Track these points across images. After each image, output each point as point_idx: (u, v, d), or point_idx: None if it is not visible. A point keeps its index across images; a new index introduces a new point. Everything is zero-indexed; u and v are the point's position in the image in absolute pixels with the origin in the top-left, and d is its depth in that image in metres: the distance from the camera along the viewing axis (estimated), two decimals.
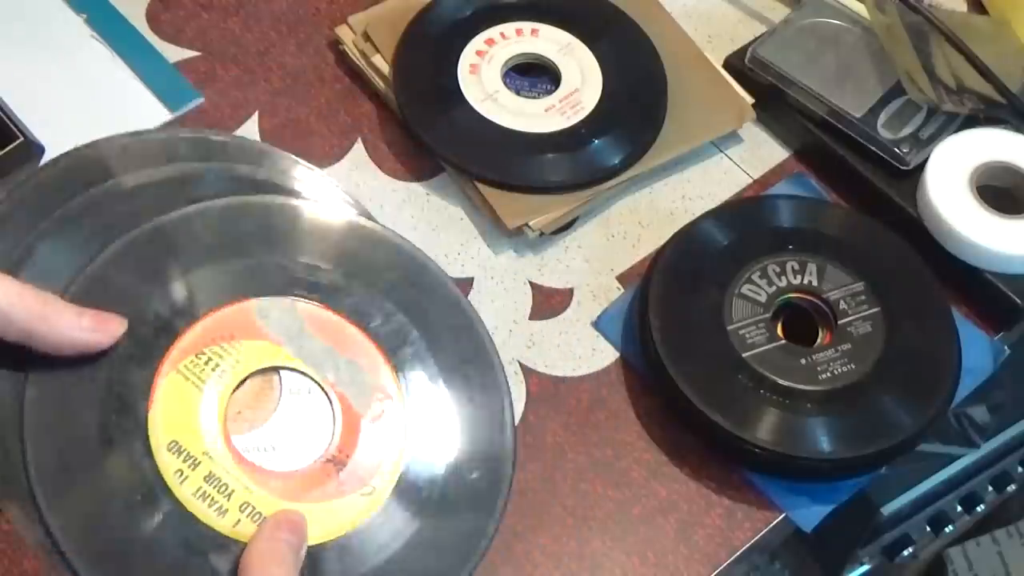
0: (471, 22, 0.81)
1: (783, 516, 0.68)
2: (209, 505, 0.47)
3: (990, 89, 0.78)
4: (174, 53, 0.81)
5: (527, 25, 0.81)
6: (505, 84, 0.79)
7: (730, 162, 0.81)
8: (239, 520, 0.47)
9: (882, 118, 0.78)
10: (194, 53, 0.81)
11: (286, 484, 0.49)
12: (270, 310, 0.51)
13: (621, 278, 0.75)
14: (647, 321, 0.70)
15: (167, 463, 0.47)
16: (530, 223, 0.74)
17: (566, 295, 0.74)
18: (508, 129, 0.77)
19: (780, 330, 0.71)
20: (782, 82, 0.80)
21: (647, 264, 0.74)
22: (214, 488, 0.47)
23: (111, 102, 0.77)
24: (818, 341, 0.71)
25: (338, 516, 0.49)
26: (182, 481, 0.47)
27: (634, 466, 0.69)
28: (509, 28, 0.81)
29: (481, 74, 0.79)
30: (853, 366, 0.69)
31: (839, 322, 0.70)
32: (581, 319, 0.74)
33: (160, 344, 0.49)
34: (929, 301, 0.73)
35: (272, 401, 0.50)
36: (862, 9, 0.83)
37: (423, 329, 0.54)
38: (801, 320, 0.72)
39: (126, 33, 0.81)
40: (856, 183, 0.78)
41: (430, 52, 0.79)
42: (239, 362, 0.50)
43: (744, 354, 0.68)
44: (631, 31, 0.82)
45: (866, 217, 0.76)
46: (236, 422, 0.49)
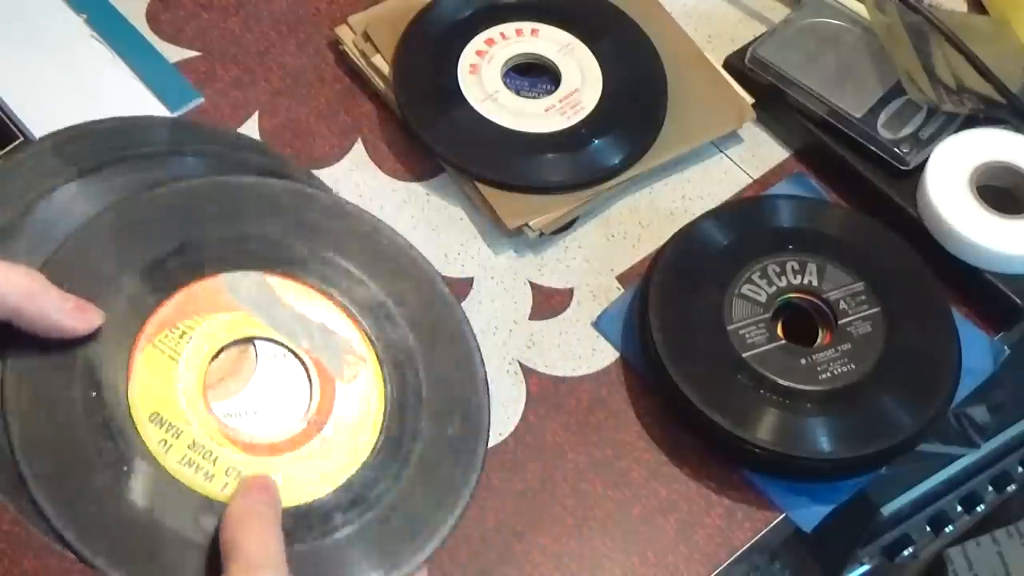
0: (471, 22, 0.81)
1: (783, 516, 0.68)
2: (195, 471, 0.48)
3: (990, 89, 0.78)
4: (174, 53, 0.81)
5: (527, 25, 0.81)
6: (505, 84, 0.79)
7: (730, 162, 0.81)
8: (227, 484, 0.49)
9: (882, 118, 0.78)
10: (194, 53, 0.81)
11: (269, 447, 0.50)
12: (239, 284, 0.52)
13: (621, 278, 0.75)
14: (647, 321, 0.70)
15: (150, 434, 0.48)
16: (530, 223, 0.74)
17: (566, 295, 0.74)
18: (508, 129, 0.77)
19: (780, 330, 0.71)
20: (782, 82, 0.80)
21: (647, 264, 0.74)
22: (199, 455, 0.49)
23: (111, 102, 0.77)
24: (818, 341, 0.71)
25: (323, 474, 0.51)
26: (167, 450, 0.48)
27: (634, 466, 0.69)
28: (509, 28, 0.81)
29: (481, 74, 0.79)
30: (853, 366, 0.69)
31: (839, 322, 0.70)
32: (581, 319, 0.74)
33: (134, 320, 0.50)
34: (929, 301, 0.73)
35: (249, 369, 0.52)
36: (862, 9, 0.83)
37: (388, 291, 0.56)
38: (801, 320, 0.72)
39: (126, 33, 0.81)
40: (856, 183, 0.78)
41: (430, 52, 0.79)
42: (214, 334, 0.51)
43: (744, 354, 0.68)
44: (631, 31, 0.82)
45: (866, 217, 0.76)
46: (216, 390, 0.51)
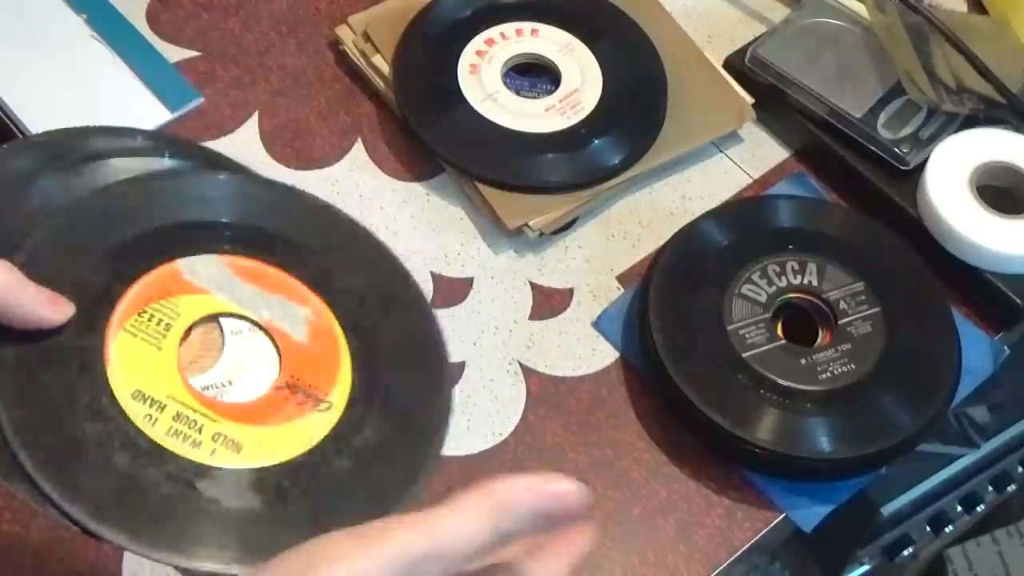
0: (471, 22, 0.81)
1: (783, 516, 0.68)
2: (183, 441, 0.51)
3: (990, 89, 0.78)
4: (174, 53, 0.81)
5: (527, 25, 0.81)
6: (505, 84, 0.79)
7: (730, 162, 0.81)
8: (215, 449, 0.52)
9: (882, 118, 0.78)
10: (194, 53, 0.81)
11: (249, 412, 0.54)
12: (196, 267, 0.56)
13: (621, 278, 0.75)
14: (647, 321, 0.70)
15: (135, 410, 0.51)
16: (530, 223, 0.74)
17: (566, 295, 0.74)
18: (508, 129, 0.77)
19: (780, 330, 0.71)
20: (782, 82, 0.80)
21: (647, 264, 0.74)
22: (184, 425, 0.52)
23: (111, 102, 0.77)
24: (818, 341, 0.71)
25: (302, 434, 0.54)
26: (153, 424, 0.51)
27: (634, 466, 0.69)
28: (509, 28, 0.81)
29: (481, 74, 0.79)
30: (853, 366, 0.69)
31: (839, 322, 0.70)
32: (581, 319, 0.74)
33: (103, 309, 0.53)
34: (929, 301, 0.73)
35: (218, 344, 0.55)
36: (862, 9, 0.83)
37: (337, 257, 0.59)
38: (801, 320, 0.72)
39: (126, 33, 0.80)
40: (856, 183, 0.78)
41: (430, 52, 0.79)
42: (180, 314, 0.55)
43: (744, 354, 0.68)
44: (631, 31, 0.82)
45: (866, 217, 0.76)
46: (190, 369, 0.54)
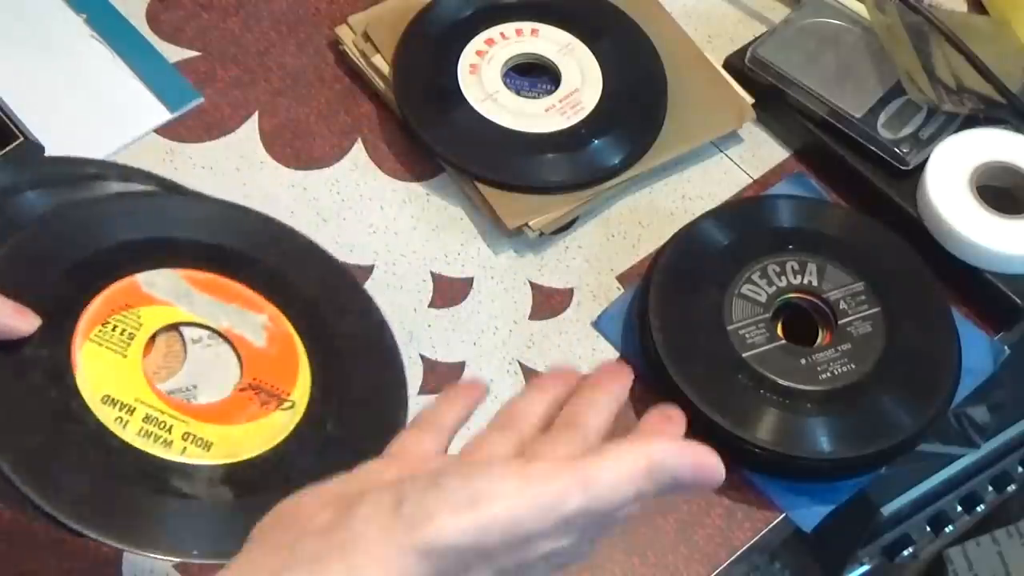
0: (471, 22, 0.81)
1: (783, 516, 0.68)
2: (154, 441, 0.54)
3: (990, 89, 0.78)
4: (174, 53, 0.81)
5: (527, 25, 0.81)
6: (505, 84, 0.79)
7: (730, 162, 0.81)
8: (185, 448, 0.54)
9: (882, 118, 0.78)
10: (194, 53, 0.81)
11: (217, 412, 0.56)
12: (155, 280, 0.59)
13: (621, 278, 0.75)
14: (647, 321, 0.70)
15: (106, 414, 0.53)
16: (530, 223, 0.74)
17: (566, 295, 0.74)
18: (508, 129, 0.77)
19: (780, 330, 0.71)
20: (782, 82, 0.80)
21: (647, 264, 0.74)
22: (154, 426, 0.54)
23: (111, 102, 0.77)
24: (818, 341, 0.71)
25: (268, 431, 0.56)
26: (124, 426, 0.53)
27: None
28: (509, 28, 0.81)
29: (481, 74, 0.79)
30: (853, 366, 0.69)
31: (839, 322, 0.70)
32: (581, 319, 0.74)
33: (67, 321, 0.56)
34: (929, 301, 0.73)
35: (181, 352, 0.58)
36: (862, 9, 0.83)
37: (287, 266, 0.63)
38: (801, 320, 0.72)
39: (126, 33, 0.80)
40: (856, 183, 0.78)
41: (430, 52, 0.79)
42: (143, 324, 0.57)
43: (744, 354, 0.68)
44: (631, 31, 0.82)
45: (866, 217, 0.76)
46: (157, 376, 0.57)
